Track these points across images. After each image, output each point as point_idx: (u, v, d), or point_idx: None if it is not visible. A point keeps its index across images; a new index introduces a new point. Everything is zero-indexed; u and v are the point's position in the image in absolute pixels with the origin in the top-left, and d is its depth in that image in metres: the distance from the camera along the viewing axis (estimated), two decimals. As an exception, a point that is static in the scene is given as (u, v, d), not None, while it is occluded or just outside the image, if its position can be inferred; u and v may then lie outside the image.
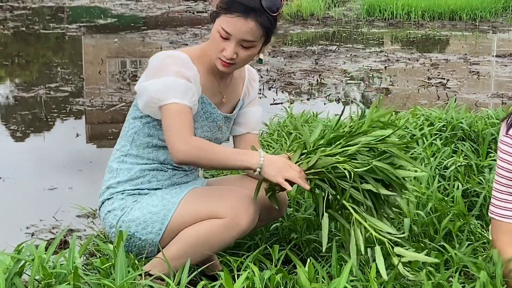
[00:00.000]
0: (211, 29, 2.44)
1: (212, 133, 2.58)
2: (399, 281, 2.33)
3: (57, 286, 2.11)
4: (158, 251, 2.43)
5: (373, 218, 2.35)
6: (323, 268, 2.44)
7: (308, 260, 2.31)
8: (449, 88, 7.52)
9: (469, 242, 2.81)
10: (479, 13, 13.84)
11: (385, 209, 2.41)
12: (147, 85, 2.41)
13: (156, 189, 2.54)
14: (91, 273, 2.30)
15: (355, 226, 2.33)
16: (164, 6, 15.88)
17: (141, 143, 2.54)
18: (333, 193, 2.38)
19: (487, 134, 4.02)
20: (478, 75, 8.32)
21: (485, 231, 2.93)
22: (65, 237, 3.38)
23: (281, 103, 6.58)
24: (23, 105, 6.69)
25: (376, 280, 2.20)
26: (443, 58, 9.53)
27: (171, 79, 2.36)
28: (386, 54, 9.73)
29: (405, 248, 2.34)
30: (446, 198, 3.17)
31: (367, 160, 2.32)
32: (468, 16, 13.78)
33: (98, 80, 7.90)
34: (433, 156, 3.77)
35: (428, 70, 8.62)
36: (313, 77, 8.04)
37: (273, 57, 9.26)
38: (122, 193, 2.52)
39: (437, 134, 4.16)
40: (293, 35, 11.89)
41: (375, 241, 2.30)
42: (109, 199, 2.54)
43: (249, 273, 2.24)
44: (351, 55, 9.62)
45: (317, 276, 2.30)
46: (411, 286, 2.26)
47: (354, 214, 2.34)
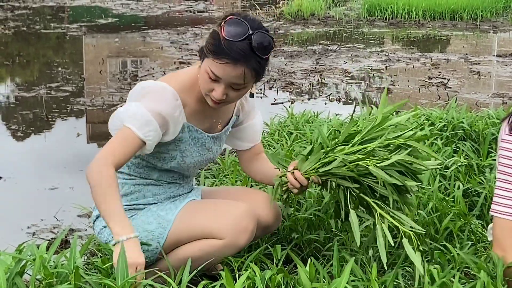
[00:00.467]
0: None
1: (202, 156, 2.56)
2: (400, 281, 2.34)
3: (58, 286, 2.11)
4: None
5: (397, 212, 2.35)
6: (324, 267, 2.44)
7: (309, 260, 2.31)
8: (450, 88, 7.51)
9: (470, 242, 2.81)
10: (479, 12, 13.83)
11: (406, 201, 2.41)
12: (124, 106, 2.38)
13: (152, 203, 2.53)
14: (92, 272, 2.30)
15: (379, 221, 2.32)
16: (165, 6, 15.87)
17: (132, 163, 2.53)
18: (357, 192, 2.38)
19: (487, 134, 4.02)
20: (479, 75, 8.32)
21: (485, 231, 2.93)
22: (66, 237, 3.39)
23: (282, 102, 6.58)
24: (24, 105, 6.69)
25: (377, 280, 2.20)
26: (444, 58, 9.53)
27: (142, 110, 2.31)
28: (386, 54, 9.72)
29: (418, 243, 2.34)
30: (447, 198, 3.17)
31: (385, 155, 2.32)
32: (469, 15, 13.77)
33: (99, 79, 7.91)
34: (434, 156, 3.77)
35: (428, 70, 8.62)
36: (313, 76, 8.03)
37: (273, 57, 9.25)
38: None
39: (437, 133, 4.16)
40: (294, 34, 11.89)
41: (402, 234, 2.29)
42: None
43: (250, 273, 2.25)
44: (351, 54, 9.62)
45: (318, 276, 2.30)
46: (412, 286, 2.26)
47: (378, 209, 2.34)
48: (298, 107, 5.82)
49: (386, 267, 2.32)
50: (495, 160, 3.68)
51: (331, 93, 7.26)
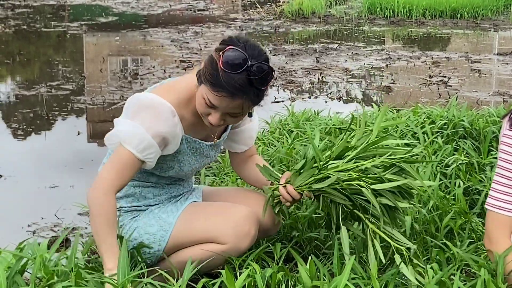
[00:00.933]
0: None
1: (200, 163, 2.57)
2: (400, 279, 2.34)
3: (59, 284, 2.11)
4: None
5: (389, 227, 2.36)
6: (325, 266, 2.45)
7: (310, 258, 2.31)
8: (451, 86, 7.51)
9: (471, 240, 2.81)
10: (480, 11, 13.82)
11: (396, 217, 2.42)
12: (119, 121, 2.35)
13: (154, 204, 2.53)
14: (94, 271, 2.30)
15: (371, 237, 2.33)
16: (165, 4, 15.86)
17: None
18: (350, 208, 2.39)
19: (488, 132, 4.01)
20: (480, 73, 8.32)
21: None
22: (66, 235, 3.39)
23: (282, 101, 6.58)
24: (25, 104, 6.69)
25: (377, 278, 2.19)
26: (445, 56, 9.52)
27: (141, 130, 2.28)
28: (387, 52, 9.72)
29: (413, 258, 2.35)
30: (447, 196, 3.17)
31: (378, 173, 2.32)
32: (470, 14, 13.76)
33: (99, 78, 7.91)
34: (434, 154, 3.77)
35: (429, 68, 8.61)
36: (314, 75, 8.03)
37: (274, 55, 9.25)
38: (119, 210, 2.49)
39: (438, 132, 4.16)
40: (294, 33, 11.88)
41: (394, 250, 2.31)
42: None
43: (250, 271, 2.25)
44: (352, 53, 9.61)
45: (318, 274, 2.30)
46: (412, 285, 2.25)
47: (370, 225, 2.35)
48: (298, 106, 5.82)
49: (385, 264, 2.32)
50: (495, 158, 3.68)
51: (331, 92, 7.25)
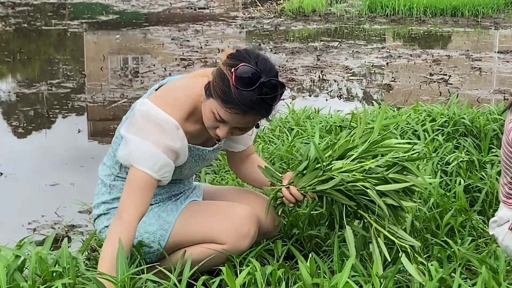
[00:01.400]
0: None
1: (200, 166, 2.58)
2: (401, 277, 2.33)
3: (57, 281, 2.11)
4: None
5: (393, 226, 2.36)
6: (325, 263, 2.44)
7: (310, 255, 2.31)
8: (451, 84, 7.50)
9: (471, 238, 2.81)
10: (481, 9, 13.81)
11: (398, 214, 2.42)
12: (130, 138, 2.31)
13: (154, 203, 2.52)
14: (93, 270, 2.30)
15: (375, 236, 2.33)
16: (166, 3, 15.85)
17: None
18: (354, 208, 2.38)
19: (489, 130, 4.01)
20: (480, 71, 8.31)
21: (487, 227, 2.93)
22: (66, 233, 3.39)
23: (283, 99, 6.55)
24: (25, 102, 6.69)
25: (378, 275, 2.19)
26: (445, 54, 9.51)
27: (153, 149, 2.27)
28: (388, 50, 9.71)
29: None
30: (448, 194, 3.17)
31: (381, 172, 2.32)
32: (470, 12, 13.75)
33: (100, 76, 7.90)
34: (435, 152, 3.77)
35: (430, 66, 8.60)
36: (315, 73, 8.03)
37: (275, 53, 9.25)
38: None
39: (439, 129, 4.15)
40: (295, 31, 11.87)
41: (399, 248, 2.30)
42: (105, 214, 2.52)
43: (251, 268, 2.24)
44: (353, 51, 9.61)
45: (319, 271, 2.30)
46: (416, 282, 2.25)
47: (374, 224, 2.34)
48: (299, 104, 5.82)
49: (388, 261, 2.32)
50: (496, 156, 3.68)
51: (332, 90, 7.25)
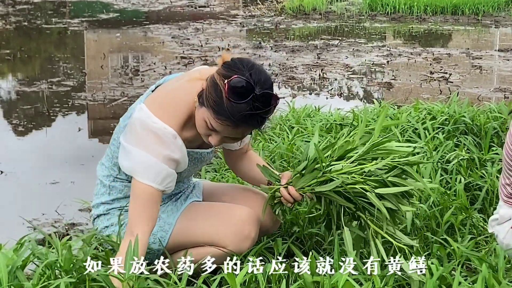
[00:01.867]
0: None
1: (198, 167, 2.60)
2: (400, 275, 2.34)
3: (62, 279, 2.11)
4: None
5: (391, 227, 2.36)
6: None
7: (310, 253, 2.31)
8: (452, 82, 7.50)
9: (471, 236, 2.81)
10: (481, 7, 13.79)
11: (396, 216, 2.42)
12: (130, 149, 2.30)
13: None
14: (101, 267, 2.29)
15: (373, 236, 2.33)
16: (166, 1, 15.84)
17: None
18: (353, 210, 2.38)
19: (489, 128, 4.01)
20: (481, 70, 8.31)
21: (487, 225, 2.93)
22: (67, 231, 3.39)
23: (283, 97, 6.57)
24: (25, 100, 6.69)
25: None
26: (446, 52, 9.51)
27: (154, 160, 2.27)
28: (388, 49, 9.70)
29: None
30: (448, 192, 3.17)
31: (381, 175, 2.32)
32: (471, 10, 13.73)
33: (100, 74, 7.90)
34: (435, 150, 3.77)
35: (430, 64, 8.60)
36: (315, 71, 8.03)
37: (275, 51, 9.25)
38: (120, 209, 2.50)
39: (439, 128, 4.15)
40: (295, 29, 11.87)
41: (396, 249, 2.31)
42: (105, 214, 2.52)
43: (252, 265, 2.24)
44: (353, 49, 9.60)
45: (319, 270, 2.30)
46: (414, 279, 2.25)
47: (372, 225, 2.35)
48: (299, 102, 5.82)
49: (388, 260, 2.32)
50: (496, 154, 3.68)
51: (332, 88, 7.24)
